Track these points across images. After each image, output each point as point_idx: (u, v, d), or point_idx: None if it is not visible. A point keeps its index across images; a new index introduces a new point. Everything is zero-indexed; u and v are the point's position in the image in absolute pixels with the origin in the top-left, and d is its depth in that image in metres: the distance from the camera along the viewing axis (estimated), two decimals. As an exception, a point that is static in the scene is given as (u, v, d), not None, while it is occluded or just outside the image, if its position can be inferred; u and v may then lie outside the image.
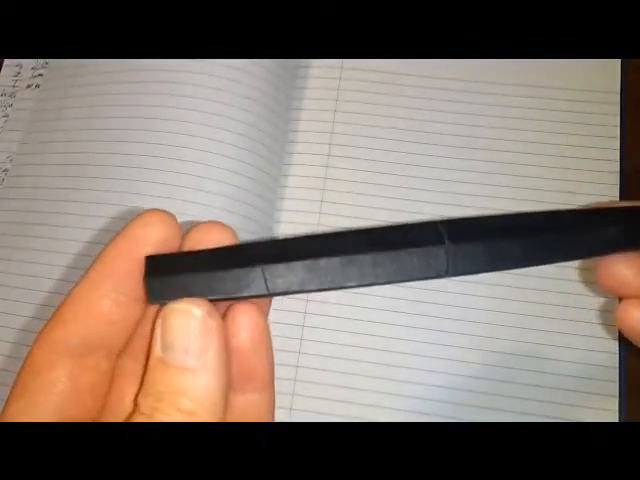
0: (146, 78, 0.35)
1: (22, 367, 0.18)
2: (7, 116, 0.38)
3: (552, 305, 0.33)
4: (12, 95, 0.39)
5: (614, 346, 0.32)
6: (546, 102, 0.36)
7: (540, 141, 0.35)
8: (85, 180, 0.35)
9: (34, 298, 0.34)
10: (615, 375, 0.31)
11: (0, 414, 0.18)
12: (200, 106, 0.34)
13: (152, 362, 0.17)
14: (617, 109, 0.35)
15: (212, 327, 0.17)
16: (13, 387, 0.18)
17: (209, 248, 0.18)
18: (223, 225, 0.19)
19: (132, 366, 0.19)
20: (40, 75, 0.39)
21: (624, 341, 0.32)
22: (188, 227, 0.19)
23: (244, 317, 0.19)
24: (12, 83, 0.39)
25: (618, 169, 0.34)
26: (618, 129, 0.35)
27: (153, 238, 0.18)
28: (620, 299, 0.22)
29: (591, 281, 0.33)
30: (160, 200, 0.33)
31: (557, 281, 0.33)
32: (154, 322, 0.17)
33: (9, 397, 0.18)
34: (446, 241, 0.17)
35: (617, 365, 0.32)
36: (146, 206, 0.33)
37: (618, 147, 0.34)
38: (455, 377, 0.32)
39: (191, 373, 0.16)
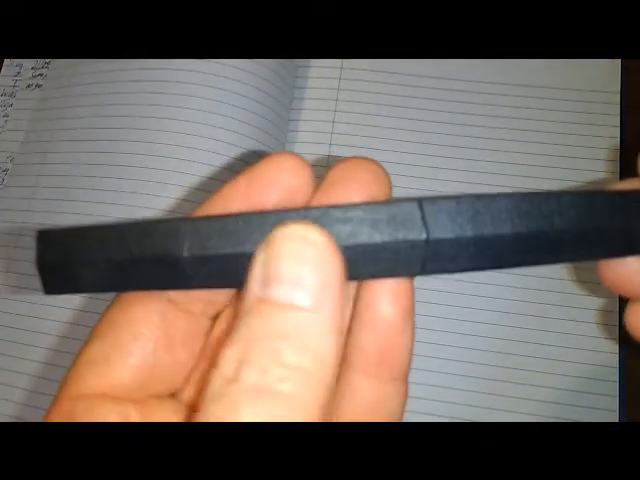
0: (147, 77, 0.35)
1: (108, 306, 0.16)
2: (7, 116, 0.38)
3: (552, 305, 0.33)
4: (12, 95, 0.39)
5: (614, 346, 0.32)
6: (546, 102, 0.36)
7: (540, 141, 0.35)
8: (86, 180, 0.35)
9: (36, 298, 0.34)
10: (615, 375, 0.31)
11: (75, 357, 0.16)
12: (200, 105, 0.34)
13: (247, 306, 0.13)
14: (617, 109, 0.35)
15: (335, 261, 0.13)
16: (93, 329, 0.16)
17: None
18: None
19: None
20: (40, 75, 0.39)
21: (624, 340, 0.32)
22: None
23: (391, 282, 0.15)
24: (12, 83, 0.39)
25: (618, 169, 0.34)
26: (618, 129, 0.35)
27: (283, 183, 0.16)
28: (626, 299, 0.19)
29: (588, 280, 0.33)
30: (160, 199, 0.33)
31: (557, 280, 0.33)
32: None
33: (87, 339, 0.16)
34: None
35: (617, 365, 0.32)
36: (145, 204, 0.33)
37: (618, 147, 0.34)
38: (455, 377, 0.32)
39: (302, 312, 0.13)
